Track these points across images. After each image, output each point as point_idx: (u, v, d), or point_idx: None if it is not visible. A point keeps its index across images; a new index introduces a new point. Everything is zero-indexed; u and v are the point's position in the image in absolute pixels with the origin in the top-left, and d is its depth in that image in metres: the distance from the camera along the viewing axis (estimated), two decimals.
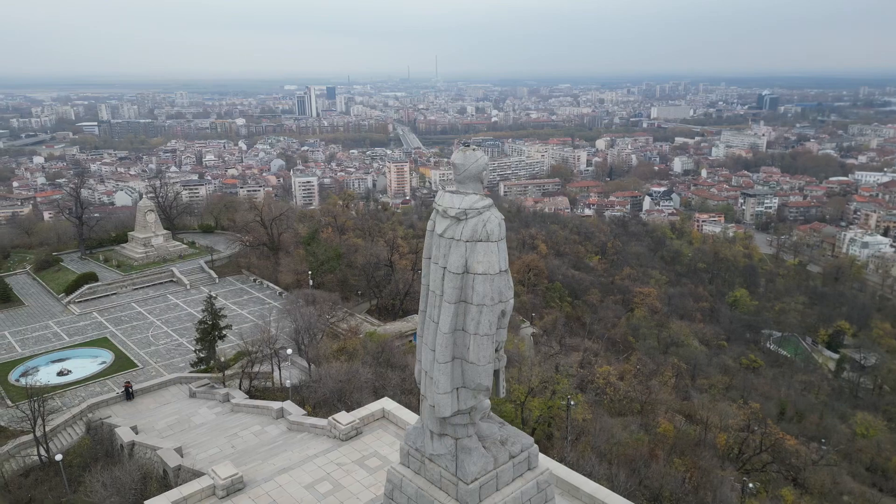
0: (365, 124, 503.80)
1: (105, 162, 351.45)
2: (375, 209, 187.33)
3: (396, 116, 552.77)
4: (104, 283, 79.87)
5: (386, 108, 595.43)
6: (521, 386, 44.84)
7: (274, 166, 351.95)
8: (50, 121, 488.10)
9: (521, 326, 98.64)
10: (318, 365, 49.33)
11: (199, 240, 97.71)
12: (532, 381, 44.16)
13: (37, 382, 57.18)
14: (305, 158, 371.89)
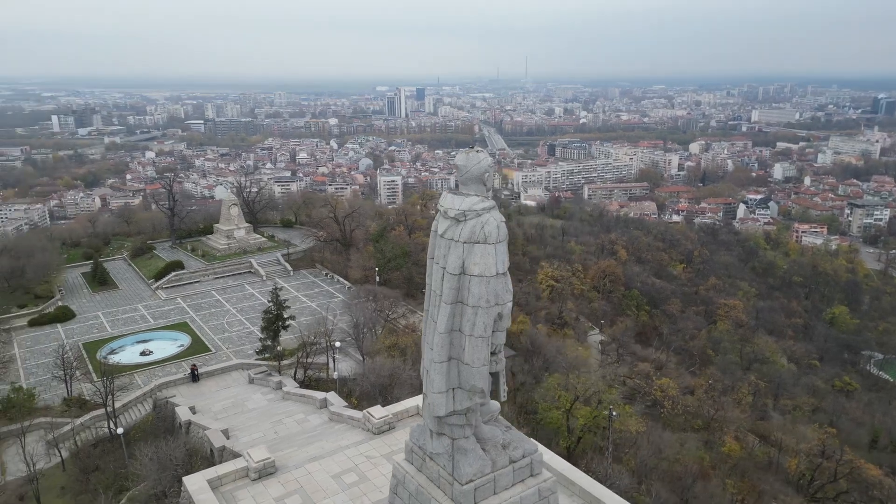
0: (451, 125, 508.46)
1: (208, 158, 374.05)
2: None
3: (483, 117, 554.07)
4: (189, 272, 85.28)
5: (473, 109, 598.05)
6: (567, 393, 43.99)
7: (362, 165, 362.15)
8: (162, 118, 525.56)
9: (589, 333, 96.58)
10: (371, 359, 50.52)
11: (279, 234, 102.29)
12: (578, 388, 43.21)
13: (117, 361, 62.28)
14: (392, 158, 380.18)
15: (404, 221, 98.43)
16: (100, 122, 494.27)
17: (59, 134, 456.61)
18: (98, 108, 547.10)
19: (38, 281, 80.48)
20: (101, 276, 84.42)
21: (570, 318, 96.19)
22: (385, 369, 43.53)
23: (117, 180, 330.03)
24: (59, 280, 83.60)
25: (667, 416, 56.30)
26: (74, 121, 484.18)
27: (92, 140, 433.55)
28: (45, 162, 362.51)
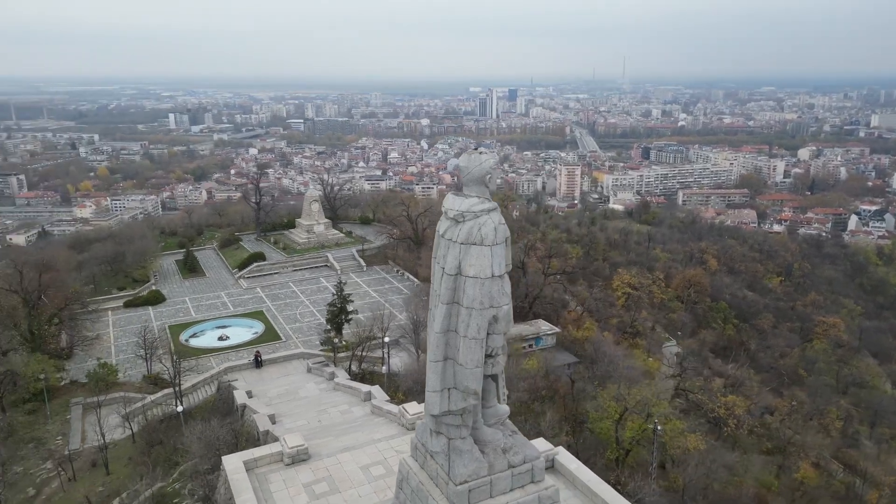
0: (542, 126, 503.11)
1: (305, 155, 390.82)
2: (535, 211, 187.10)
3: (575, 119, 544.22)
4: (269, 263, 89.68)
5: (566, 110, 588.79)
6: (617, 404, 42.71)
7: (450, 165, 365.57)
8: (266, 117, 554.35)
9: (664, 344, 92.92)
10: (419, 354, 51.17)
11: (356, 230, 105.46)
12: (629, 400, 41.84)
13: (190, 343, 66.55)
14: None
15: None
16: (210, 120, 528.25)
17: (174, 131, 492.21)
18: (210, 107, 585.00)
19: (136, 266, 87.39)
20: (192, 263, 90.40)
21: (645, 328, 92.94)
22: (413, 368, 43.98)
23: (222, 175, 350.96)
24: (155, 266, 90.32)
25: (732, 436, 53.28)
26: (189, 119, 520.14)
27: (203, 137, 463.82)
28: (160, 156, 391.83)
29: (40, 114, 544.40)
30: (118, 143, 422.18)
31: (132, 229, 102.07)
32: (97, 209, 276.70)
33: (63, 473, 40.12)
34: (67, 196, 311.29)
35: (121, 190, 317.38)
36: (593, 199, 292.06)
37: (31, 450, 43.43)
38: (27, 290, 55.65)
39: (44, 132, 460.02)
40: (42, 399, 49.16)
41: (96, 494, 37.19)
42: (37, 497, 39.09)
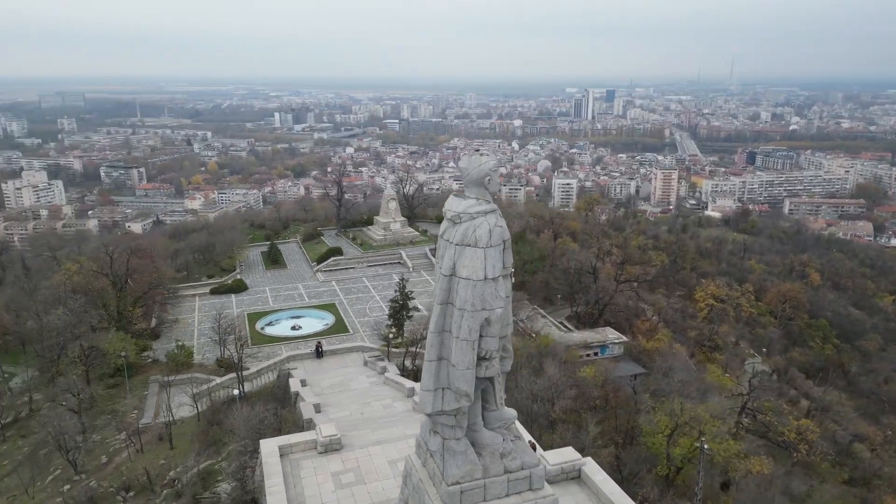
0: (640, 128, 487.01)
1: (398, 155, 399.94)
2: (623, 215, 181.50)
3: (676, 121, 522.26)
4: (346, 258, 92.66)
5: (666, 112, 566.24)
6: (669, 419, 40.92)
7: (540, 167, 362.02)
8: (364, 117, 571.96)
9: (747, 360, 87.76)
10: None
11: (432, 229, 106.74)
12: (681, 416, 39.95)
13: (265, 332, 69.89)
14: (572, 161, 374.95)
15: (551, 225, 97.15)
16: (312, 119, 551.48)
17: (278, 129, 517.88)
18: (312, 106, 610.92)
19: (224, 256, 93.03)
20: (275, 255, 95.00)
21: (726, 343, 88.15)
22: None
23: (319, 172, 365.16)
24: (242, 256, 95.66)
25: (807, 463, 49.57)
26: (292, 118, 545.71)
27: (304, 135, 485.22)
28: (265, 153, 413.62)
29: (162, 112, 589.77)
30: (228, 141, 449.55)
31: (224, 221, 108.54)
32: (205, 201, 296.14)
33: (132, 445, 43.50)
34: (181, 188, 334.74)
35: (227, 184, 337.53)
36: (690, 206, 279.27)
37: (108, 421, 47.41)
38: (116, 273, 60.79)
39: (164, 129, 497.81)
40: (124, 374, 53.46)
41: (158, 467, 40.07)
42: (108, 464, 42.65)
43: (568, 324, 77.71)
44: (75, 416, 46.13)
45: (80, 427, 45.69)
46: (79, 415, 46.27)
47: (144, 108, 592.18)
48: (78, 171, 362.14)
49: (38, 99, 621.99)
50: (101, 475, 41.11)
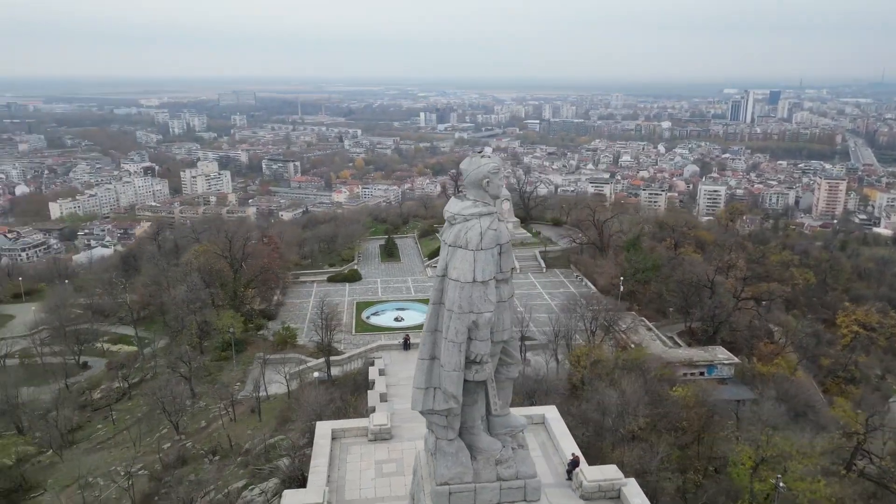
0: (806, 133, 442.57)
1: (535, 155, 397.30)
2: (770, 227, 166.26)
3: (851, 126, 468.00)
4: None
5: (840, 115, 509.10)
6: (753, 451, 37.43)
7: (687, 172, 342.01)
8: (505, 117, 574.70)
9: (892, 398, 77.30)
10: (558, 362, 50.09)
11: (546, 231, 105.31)
12: (766, 448, 36.36)
13: (370, 321, 72.96)
14: (723, 166, 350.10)
15: (672, 233, 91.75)
16: (455, 119, 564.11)
17: (423, 128, 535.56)
18: (456, 106, 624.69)
19: (345, 247, 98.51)
20: (391, 249, 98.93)
21: (868, 376, 78.22)
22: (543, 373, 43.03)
23: (455, 171, 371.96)
24: (361, 248, 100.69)
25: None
26: (436, 118, 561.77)
27: (446, 135, 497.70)
28: (407, 151, 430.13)
29: (319, 110, 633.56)
30: (375, 138, 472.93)
31: (351, 214, 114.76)
32: (350, 195, 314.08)
33: (227, 414, 47.74)
34: (329, 182, 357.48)
35: (371, 179, 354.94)
36: (858, 221, 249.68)
37: (214, 390, 52.30)
38: (234, 257, 66.75)
39: (320, 126, 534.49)
40: (234, 349, 58.70)
41: (244, 437, 43.67)
42: (205, 429, 47.19)
43: (679, 339, 73.27)
44: (186, 382, 51.45)
45: (190, 393, 50.88)
46: (189, 382, 51.53)
47: (305, 107, 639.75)
48: (244, 162, 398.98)
49: (217, 97, 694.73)
50: (197, 438, 45.63)
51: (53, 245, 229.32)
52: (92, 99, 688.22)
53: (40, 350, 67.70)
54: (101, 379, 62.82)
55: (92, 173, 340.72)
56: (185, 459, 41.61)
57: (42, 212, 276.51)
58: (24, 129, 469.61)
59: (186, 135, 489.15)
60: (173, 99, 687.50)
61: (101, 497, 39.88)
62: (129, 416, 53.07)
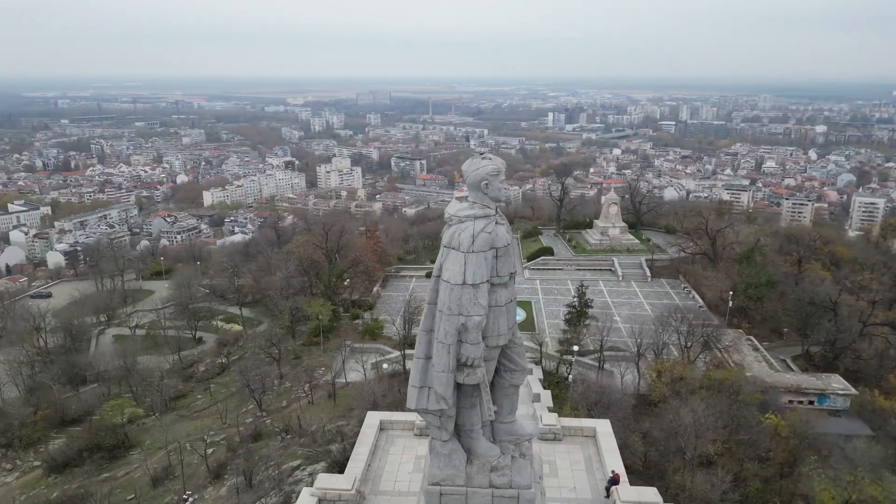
0: None
1: (668, 158, 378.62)
2: None
3: None
4: (556, 259, 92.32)
5: None
6: (837, 492, 33.55)
7: (840, 181, 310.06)
8: (638, 118, 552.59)
9: None
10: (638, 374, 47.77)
11: (656, 238, 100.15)
12: (850, 492, 32.41)
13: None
14: (885, 176, 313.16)
15: (797, 247, 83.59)
16: (584, 119, 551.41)
17: (550, 129, 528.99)
18: (586, 107, 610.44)
19: None
20: None
21: None
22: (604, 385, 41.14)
23: (581, 172, 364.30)
24: None
25: None
26: (565, 118, 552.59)
27: (573, 136, 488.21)
28: (532, 151, 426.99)
29: (449, 110, 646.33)
30: (501, 138, 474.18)
31: None
32: None
33: (307, 397, 50.43)
34: (452, 180, 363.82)
35: None
36: None
37: (298, 372, 55.41)
38: (329, 248, 70.07)
39: (448, 125, 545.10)
40: (326, 335, 61.77)
41: (315, 419, 45.95)
42: (285, 409, 50.16)
43: (792, 363, 66.99)
44: (275, 364, 54.99)
45: (278, 373, 54.34)
46: (278, 363, 55.02)
47: (436, 107, 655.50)
48: (374, 160, 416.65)
49: (355, 97, 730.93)
50: (276, 416, 48.64)
51: (204, 230, 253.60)
52: (247, 98, 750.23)
53: (164, 324, 75.46)
54: (209, 354, 68.81)
55: (241, 165, 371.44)
56: (260, 435, 44.56)
57: (197, 199, 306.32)
58: (189, 124, 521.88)
59: (325, 132, 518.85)
60: (316, 98, 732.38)
61: (184, 461, 43.83)
62: (224, 390, 57.69)
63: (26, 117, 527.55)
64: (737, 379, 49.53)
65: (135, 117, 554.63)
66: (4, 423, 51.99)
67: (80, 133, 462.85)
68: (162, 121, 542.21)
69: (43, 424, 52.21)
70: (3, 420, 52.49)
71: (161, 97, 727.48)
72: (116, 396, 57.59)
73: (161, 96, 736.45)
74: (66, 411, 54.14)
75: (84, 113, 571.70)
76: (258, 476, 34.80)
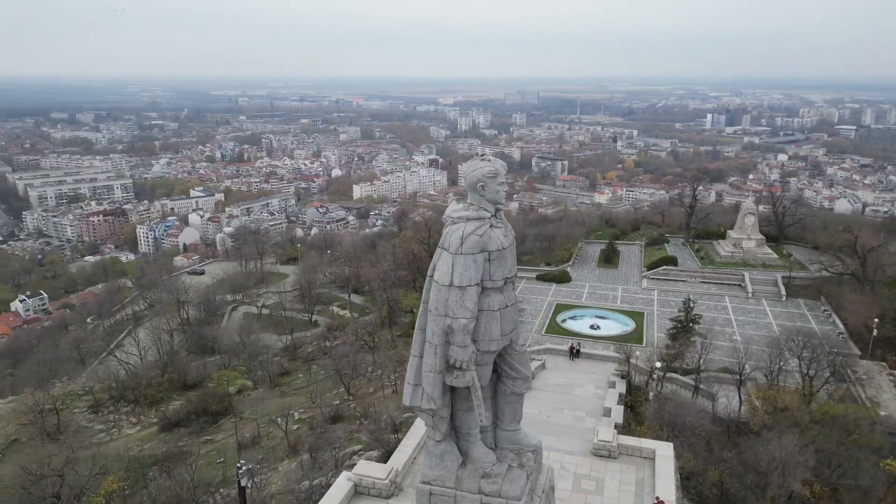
0: None
1: (843, 167, 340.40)
2: None
3: None
4: (679, 269, 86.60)
5: None
6: None
7: None
8: (811, 121, 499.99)
9: None
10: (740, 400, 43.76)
11: (800, 254, 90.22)
12: None
13: (565, 325, 71.78)
14: None
15: None
16: (747, 122, 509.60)
17: (707, 131, 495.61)
18: (751, 108, 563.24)
19: (564, 247, 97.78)
20: (610, 255, 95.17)
21: None
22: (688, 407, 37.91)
23: (738, 178, 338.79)
24: (580, 250, 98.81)
25: None
26: (725, 120, 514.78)
27: (733, 139, 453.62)
28: (684, 154, 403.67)
29: (598, 110, 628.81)
30: (651, 140, 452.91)
31: (578, 216, 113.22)
32: (612, 197, 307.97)
33: (392, 386, 52.07)
34: (594, 182, 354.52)
35: (638, 182, 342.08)
36: None
37: (389, 362, 57.23)
38: (431, 243, 71.29)
39: (595, 126, 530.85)
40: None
41: (392, 408, 47.31)
42: (370, 395, 52.15)
43: None
44: (370, 351, 57.37)
45: (372, 361, 56.65)
46: (373, 351, 57.34)
47: (584, 106, 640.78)
48: (516, 159, 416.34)
49: (503, 96, 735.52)
50: (360, 402, 50.71)
51: (351, 220, 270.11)
52: (401, 97, 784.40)
53: (285, 305, 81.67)
54: (317, 337, 73.26)
55: (389, 162, 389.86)
56: (340, 417, 46.77)
57: (347, 192, 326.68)
58: (347, 121, 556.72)
59: (471, 131, 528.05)
60: (466, 98, 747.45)
61: (270, 433, 47.27)
62: (322, 372, 61.17)
63: (212, 113, 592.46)
64: (857, 415, 43.68)
65: (301, 114, 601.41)
66: (136, 382, 59.48)
67: (254, 128, 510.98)
68: (323, 118, 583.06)
69: (167, 386, 59.00)
70: (136, 380, 60.03)
71: (325, 96, 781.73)
72: (231, 368, 63.34)
73: (325, 95, 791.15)
74: (187, 377, 60.61)
75: (259, 110, 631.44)
76: (324, 455, 36.65)
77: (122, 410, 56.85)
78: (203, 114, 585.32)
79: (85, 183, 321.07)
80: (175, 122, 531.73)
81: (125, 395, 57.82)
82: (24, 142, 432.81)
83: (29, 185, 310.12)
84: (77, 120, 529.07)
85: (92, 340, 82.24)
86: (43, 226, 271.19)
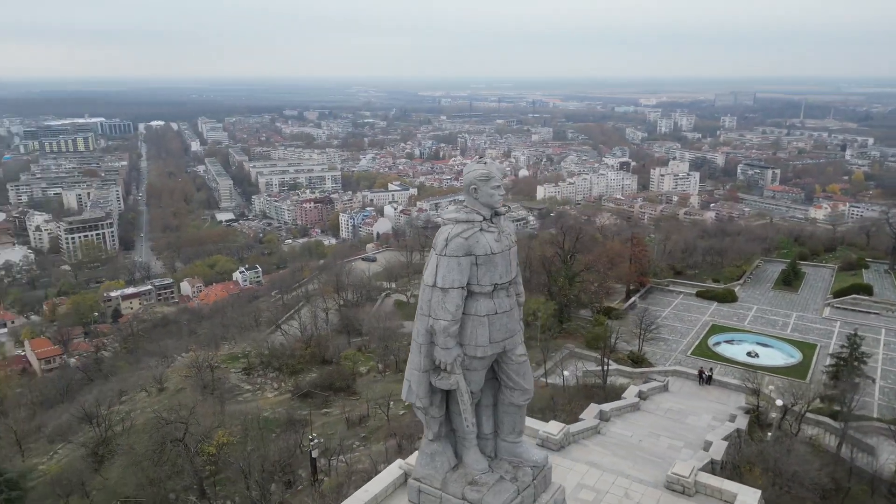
0: None
1: None
2: None
3: None
4: (872, 300, 73.87)
5: None
6: None
7: None
8: None
9: None
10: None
11: None
12: None
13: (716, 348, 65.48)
14: None
15: None
16: None
17: None
18: None
19: (736, 263, 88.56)
20: (789, 276, 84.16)
21: None
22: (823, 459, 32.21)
23: None
24: (756, 268, 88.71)
25: None
26: None
27: None
28: None
29: (827, 113, 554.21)
30: (890, 150, 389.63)
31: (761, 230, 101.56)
32: (831, 212, 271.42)
33: None
34: (811, 195, 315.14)
35: (866, 197, 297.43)
36: None
37: None
38: (565, 249, 68.61)
39: (821, 132, 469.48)
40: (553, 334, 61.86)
41: None
42: None
43: None
44: None
45: None
46: None
47: (809, 109, 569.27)
48: (719, 165, 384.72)
49: (713, 97, 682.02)
50: None
51: (531, 221, 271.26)
52: (599, 98, 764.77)
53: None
54: None
55: (578, 164, 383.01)
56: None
57: (531, 193, 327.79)
58: (541, 122, 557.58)
59: (671, 134, 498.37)
60: (670, 98, 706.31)
61: (377, 415, 49.62)
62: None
63: (416, 112, 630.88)
64: None
65: (497, 115, 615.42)
66: (283, 352, 66.15)
67: (452, 128, 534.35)
68: (518, 119, 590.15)
69: (308, 359, 64.71)
70: (284, 350, 66.75)
71: (522, 97, 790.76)
72: (364, 350, 67.57)
73: (523, 96, 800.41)
74: (326, 353, 65.90)
75: (458, 111, 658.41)
76: (413, 443, 37.73)
77: (269, 376, 63.79)
78: (409, 113, 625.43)
79: (303, 173, 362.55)
80: (384, 120, 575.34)
81: (272, 363, 64.77)
82: (261, 135, 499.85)
83: (259, 172, 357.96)
84: (304, 117, 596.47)
85: (272, 311, 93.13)
86: (266, 209, 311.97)
